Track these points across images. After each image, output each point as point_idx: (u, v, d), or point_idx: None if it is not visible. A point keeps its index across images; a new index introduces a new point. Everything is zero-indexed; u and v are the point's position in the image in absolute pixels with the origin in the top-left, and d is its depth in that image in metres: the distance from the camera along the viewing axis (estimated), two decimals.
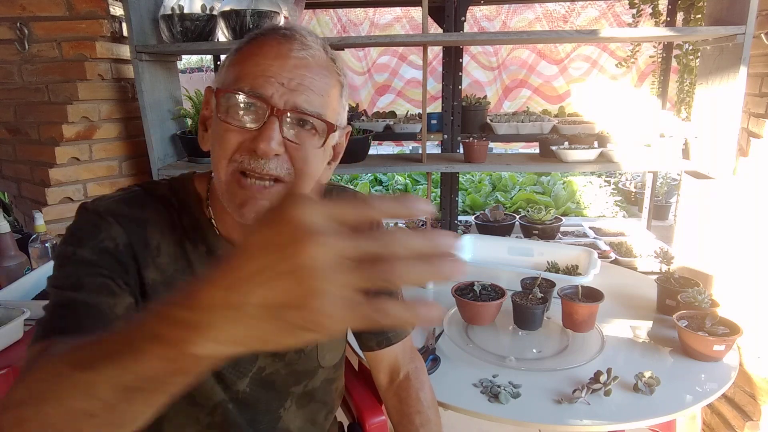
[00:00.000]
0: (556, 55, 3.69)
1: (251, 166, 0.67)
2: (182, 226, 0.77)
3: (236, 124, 0.68)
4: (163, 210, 0.76)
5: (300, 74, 0.68)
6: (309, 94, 0.68)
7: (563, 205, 4.68)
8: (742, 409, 1.63)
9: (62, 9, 1.85)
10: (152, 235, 0.73)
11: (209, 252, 0.78)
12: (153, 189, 0.79)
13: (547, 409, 1.10)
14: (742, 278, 1.64)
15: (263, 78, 0.66)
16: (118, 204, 0.74)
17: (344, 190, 0.96)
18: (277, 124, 0.66)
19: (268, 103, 0.66)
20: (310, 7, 2.97)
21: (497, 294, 1.43)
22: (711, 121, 1.78)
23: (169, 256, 0.75)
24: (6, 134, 1.98)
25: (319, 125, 0.70)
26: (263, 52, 0.68)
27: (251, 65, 0.68)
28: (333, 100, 0.72)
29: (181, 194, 0.79)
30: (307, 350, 0.88)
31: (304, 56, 0.68)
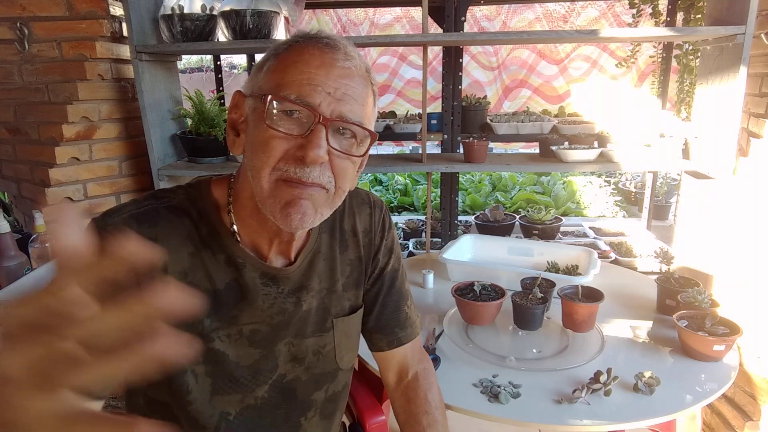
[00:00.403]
0: (556, 55, 3.69)
1: (296, 174, 0.68)
2: (200, 236, 0.76)
3: (283, 131, 0.67)
4: (177, 221, 0.75)
5: (345, 84, 0.69)
6: (352, 103, 0.69)
7: (563, 205, 4.68)
8: (742, 409, 1.63)
9: (62, 9, 1.85)
10: (159, 255, 0.71)
11: (229, 261, 0.77)
12: (168, 199, 0.77)
13: (547, 409, 1.10)
14: (742, 278, 1.64)
15: (310, 86, 0.67)
16: (128, 222, 0.72)
17: (357, 189, 0.95)
18: (324, 132, 0.67)
19: (315, 111, 0.67)
20: (310, 7, 2.97)
21: (497, 294, 1.43)
22: (711, 121, 1.78)
23: (176, 273, 0.73)
24: (6, 134, 1.98)
25: (361, 133, 0.71)
26: (306, 60, 0.68)
27: (296, 72, 0.68)
28: (369, 109, 0.74)
29: (198, 202, 0.78)
30: (325, 351, 0.88)
31: (348, 66, 0.69)
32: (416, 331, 1.01)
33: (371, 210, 0.95)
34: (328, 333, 0.88)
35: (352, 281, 0.91)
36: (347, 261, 0.90)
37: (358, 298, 0.93)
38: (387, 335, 0.97)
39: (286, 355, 0.84)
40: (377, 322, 0.96)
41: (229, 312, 0.77)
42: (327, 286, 0.87)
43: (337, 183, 0.72)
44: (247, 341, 0.79)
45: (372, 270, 0.95)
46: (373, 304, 0.96)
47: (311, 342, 0.86)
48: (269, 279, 0.80)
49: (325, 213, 0.73)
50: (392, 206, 5.08)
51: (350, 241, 0.91)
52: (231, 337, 0.78)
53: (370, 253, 0.93)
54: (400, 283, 0.99)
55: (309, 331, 0.85)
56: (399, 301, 0.98)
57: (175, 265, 0.73)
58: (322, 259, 0.86)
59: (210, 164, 2.03)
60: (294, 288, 0.82)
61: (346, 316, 0.90)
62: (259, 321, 0.80)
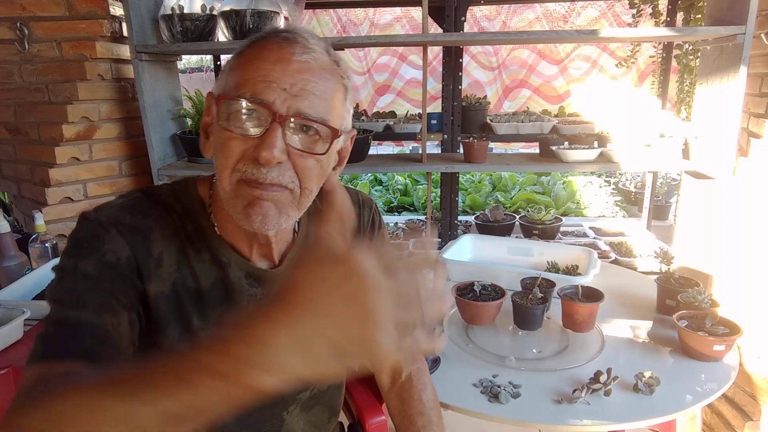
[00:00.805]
0: (556, 55, 3.69)
1: (254, 175, 0.66)
2: (185, 233, 0.75)
3: (238, 132, 0.66)
4: (166, 216, 0.74)
5: (302, 78, 0.66)
6: (312, 98, 0.66)
7: (563, 205, 4.68)
8: (742, 409, 1.63)
9: (62, 9, 1.85)
10: (155, 245, 0.72)
11: (213, 259, 0.76)
12: (155, 194, 0.77)
13: (547, 409, 1.10)
14: (742, 278, 1.64)
15: (264, 83, 0.65)
16: (121, 212, 0.72)
17: (346, 190, 0.94)
18: (280, 131, 0.65)
19: (270, 109, 0.65)
20: (310, 7, 2.97)
21: (497, 294, 1.43)
22: (711, 121, 1.78)
23: (171, 265, 0.73)
24: (6, 134, 1.98)
25: (323, 131, 0.68)
26: (264, 56, 0.66)
27: (252, 70, 0.66)
28: (337, 104, 0.70)
29: (184, 199, 0.77)
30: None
31: (306, 60, 0.67)
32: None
33: (360, 209, 0.93)
34: None
35: None
36: None
37: None
38: None
39: None
40: None
41: (214, 312, 0.76)
42: None
43: (302, 183, 0.70)
44: None
45: None
46: None
47: None
48: (254, 280, 0.79)
49: (292, 214, 0.71)
50: (392, 206, 5.07)
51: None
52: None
53: None
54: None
55: None
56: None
57: (169, 257, 0.73)
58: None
59: (210, 164, 2.02)
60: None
61: None
62: None
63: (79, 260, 0.67)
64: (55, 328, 0.64)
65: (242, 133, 0.66)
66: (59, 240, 1.84)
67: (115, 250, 0.68)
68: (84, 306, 0.64)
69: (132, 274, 0.69)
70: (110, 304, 0.66)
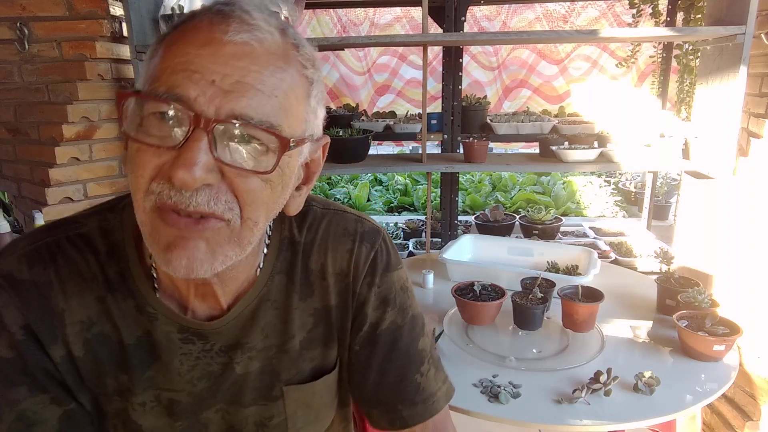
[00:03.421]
0: (556, 55, 3.69)
1: (172, 200, 0.48)
2: (105, 278, 0.60)
3: (150, 142, 0.48)
4: (79, 258, 0.60)
5: (239, 67, 0.48)
6: (253, 95, 0.48)
7: (563, 205, 4.68)
8: (742, 409, 1.63)
9: (62, 9, 1.85)
10: (54, 302, 0.59)
11: (139, 309, 0.61)
12: (76, 226, 0.62)
13: (547, 409, 1.10)
14: (742, 278, 1.64)
15: (184, 74, 0.47)
16: (18, 264, 0.58)
17: (342, 215, 0.72)
18: (205, 141, 0.47)
19: (191, 108, 0.47)
20: (310, 7, 2.97)
21: (497, 294, 1.43)
22: (711, 121, 1.78)
23: (80, 322, 0.60)
24: (6, 134, 1.98)
25: (269, 140, 0.50)
26: (188, 38, 0.49)
27: (170, 56, 0.49)
28: (294, 103, 0.52)
29: (114, 234, 0.62)
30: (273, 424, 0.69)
31: (245, 41, 0.49)
32: (433, 408, 0.72)
33: (354, 245, 0.69)
34: (275, 403, 0.68)
35: (317, 337, 0.69)
36: (310, 311, 0.68)
37: (327, 358, 0.71)
38: (388, 412, 0.72)
39: (220, 424, 0.67)
40: (376, 395, 0.72)
41: (142, 374, 0.62)
42: (276, 344, 0.67)
43: (243, 212, 0.51)
44: (165, 410, 0.64)
45: (359, 326, 0.70)
46: (365, 371, 0.71)
47: (252, 412, 0.67)
48: (191, 334, 0.62)
49: (230, 254, 0.53)
50: (392, 206, 5.07)
51: (316, 284, 0.68)
52: (145, 405, 0.63)
53: (348, 302, 0.69)
54: (407, 343, 0.72)
55: (248, 399, 0.67)
56: (405, 368, 0.71)
57: (76, 313, 0.59)
58: (271, 308, 0.66)
59: None
60: (226, 345, 0.64)
61: (306, 383, 0.69)
62: (177, 389, 0.63)
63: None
64: None
65: (156, 142, 0.48)
66: None
67: (9, 324, 0.57)
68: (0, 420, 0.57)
69: (36, 351, 0.58)
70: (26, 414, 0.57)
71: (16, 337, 0.57)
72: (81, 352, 0.60)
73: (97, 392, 0.63)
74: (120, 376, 0.62)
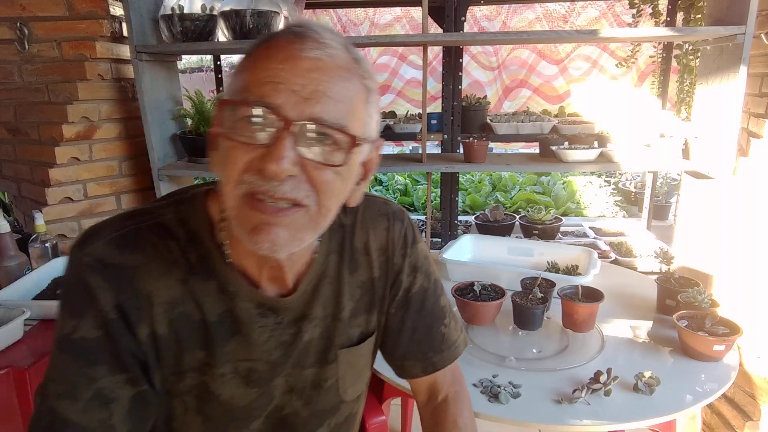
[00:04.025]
0: (556, 55, 3.69)
1: (262, 188, 0.57)
2: (188, 261, 0.67)
3: (242, 140, 0.58)
4: (162, 246, 0.66)
5: (315, 78, 0.58)
6: (326, 101, 0.58)
7: (563, 205, 4.68)
8: (742, 409, 1.63)
9: (62, 9, 1.85)
10: (142, 284, 0.65)
11: (221, 289, 0.69)
12: (154, 216, 0.69)
13: (547, 409, 1.10)
14: (742, 278, 1.64)
15: (271, 84, 0.57)
16: (108, 249, 0.64)
17: (373, 198, 0.84)
18: (291, 140, 0.57)
19: (278, 113, 0.56)
20: (310, 7, 2.97)
21: (497, 294, 1.43)
22: (711, 121, 1.78)
23: (165, 303, 0.66)
24: (6, 134, 1.98)
25: (341, 139, 0.59)
26: (271, 55, 0.59)
27: (258, 71, 0.58)
28: (357, 108, 0.62)
29: (190, 222, 0.69)
30: (327, 385, 0.80)
31: (319, 56, 0.58)
32: (456, 352, 0.89)
33: (389, 224, 0.82)
34: (330, 365, 0.79)
35: (362, 305, 0.81)
36: (357, 283, 0.80)
37: (369, 324, 0.83)
38: (421, 360, 0.86)
39: (283, 387, 0.76)
40: (409, 348, 0.85)
41: (223, 348, 0.70)
42: (332, 313, 0.77)
43: (320, 200, 0.61)
44: (242, 380, 0.72)
45: (395, 292, 0.84)
46: (400, 329, 0.85)
47: (310, 373, 0.78)
48: (266, 309, 0.71)
49: (306, 237, 0.63)
50: None
51: (361, 260, 0.80)
52: (225, 376, 0.71)
53: (388, 273, 0.82)
54: (432, 302, 0.87)
55: (309, 362, 0.77)
56: (432, 323, 0.86)
57: (162, 295, 0.66)
58: (327, 284, 0.77)
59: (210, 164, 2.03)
60: (295, 318, 0.74)
61: (354, 346, 0.81)
62: (255, 358, 0.72)
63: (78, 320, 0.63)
64: (50, 416, 0.63)
65: (247, 141, 0.58)
66: (59, 240, 1.84)
67: (103, 305, 0.63)
68: (75, 398, 0.62)
69: (121, 325, 0.64)
70: (102, 392, 0.63)
71: (109, 316, 0.63)
72: (165, 331, 0.66)
73: (170, 372, 0.69)
74: (197, 352, 0.69)
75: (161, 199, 0.73)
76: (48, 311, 1.41)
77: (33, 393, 1.21)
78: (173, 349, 0.68)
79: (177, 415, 0.72)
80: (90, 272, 0.63)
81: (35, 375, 1.23)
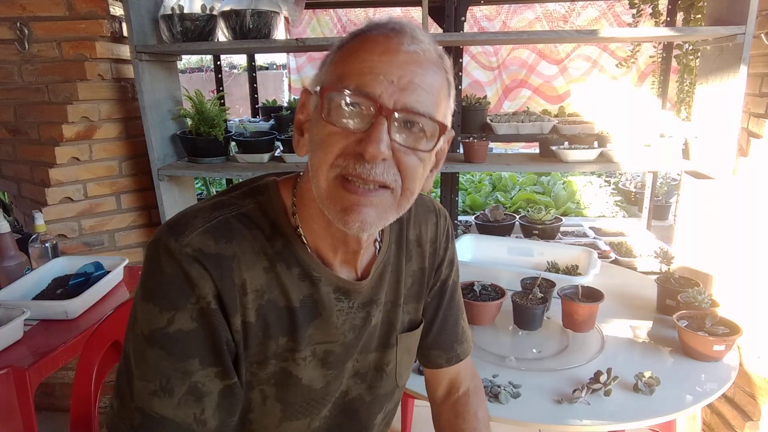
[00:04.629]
0: (556, 55, 3.69)
1: (356, 171, 0.61)
2: (274, 250, 0.70)
3: (341, 126, 0.62)
4: (249, 234, 0.69)
5: (410, 71, 0.61)
6: (420, 92, 0.62)
7: (563, 205, 4.67)
8: (742, 409, 1.63)
9: (62, 9, 1.85)
10: (237, 273, 0.66)
11: (303, 275, 0.71)
12: (237, 206, 0.71)
13: (547, 409, 1.10)
14: (741, 278, 1.64)
15: (371, 75, 0.61)
16: (204, 239, 0.65)
17: (421, 198, 0.88)
18: (386, 126, 0.60)
19: (376, 102, 0.60)
20: (310, 7, 2.97)
21: (497, 294, 1.43)
22: (711, 121, 1.78)
23: (255, 291, 0.68)
24: (6, 134, 1.98)
25: (430, 127, 0.64)
26: (369, 48, 0.62)
27: (357, 62, 0.62)
28: (443, 100, 0.66)
29: (271, 213, 0.71)
30: (388, 369, 0.84)
31: (414, 51, 0.62)
32: (471, 345, 0.97)
33: (437, 219, 0.89)
34: (391, 349, 0.83)
35: (413, 294, 0.86)
36: (410, 272, 0.85)
37: (417, 312, 0.88)
38: (446, 351, 0.92)
39: (350, 371, 0.80)
40: (437, 338, 0.92)
41: (305, 332, 0.72)
42: (392, 299, 0.83)
43: (405, 183, 0.65)
44: (320, 362, 0.75)
45: (434, 282, 0.90)
46: (433, 319, 0.91)
47: (373, 357, 0.82)
48: (342, 293, 0.75)
49: (390, 217, 0.67)
50: None
51: (414, 251, 0.86)
52: (306, 359, 0.73)
53: (433, 264, 0.88)
54: (459, 295, 0.95)
55: (373, 346, 0.82)
56: (457, 315, 0.94)
57: (253, 283, 0.68)
58: (390, 271, 0.82)
59: (210, 164, 2.03)
60: (364, 302, 0.78)
61: (408, 331, 0.86)
62: (333, 340, 0.75)
63: (175, 312, 0.63)
64: (141, 416, 0.63)
65: (345, 126, 0.62)
66: (59, 240, 1.84)
67: (205, 294, 0.63)
68: (170, 393, 0.63)
69: (219, 315, 0.65)
70: (197, 387, 0.64)
71: (210, 306, 0.64)
72: (254, 318, 0.68)
73: (253, 361, 0.70)
74: (281, 338, 0.71)
75: (233, 189, 0.75)
76: (48, 311, 1.41)
77: (33, 393, 1.21)
78: (259, 338, 0.69)
79: (254, 406, 0.73)
80: (190, 262, 0.63)
81: (35, 375, 1.23)
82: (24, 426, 1.24)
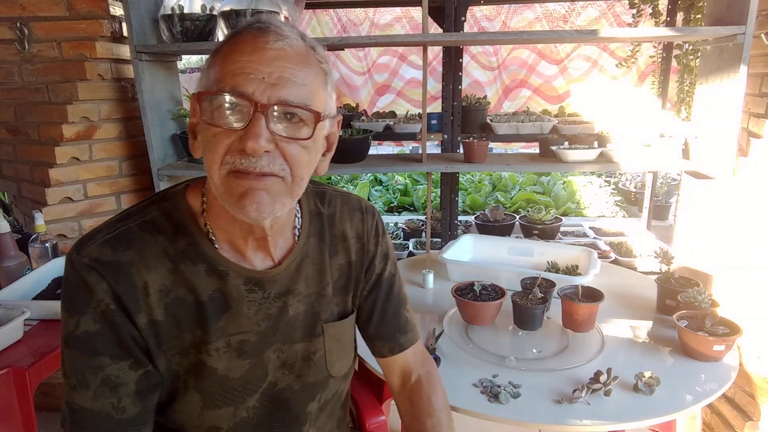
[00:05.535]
0: (556, 55, 3.68)
1: (243, 165, 0.66)
2: (177, 250, 0.75)
3: (224, 126, 0.66)
4: (151, 240, 0.74)
5: (279, 66, 0.66)
6: (291, 85, 0.67)
7: (563, 205, 4.68)
8: (742, 409, 1.63)
9: (62, 9, 1.85)
10: (138, 276, 0.72)
11: (210, 270, 0.76)
12: (140, 215, 0.76)
13: (547, 409, 1.10)
14: (741, 278, 1.64)
15: (242, 75, 0.65)
16: (102, 249, 0.71)
17: (348, 195, 0.95)
18: (263, 121, 0.65)
19: (251, 100, 0.65)
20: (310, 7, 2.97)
21: (497, 294, 1.43)
22: (711, 121, 1.78)
23: (159, 291, 0.73)
24: (6, 134, 1.98)
25: (306, 116, 0.68)
26: (239, 49, 0.67)
27: (229, 63, 0.66)
28: (318, 89, 0.71)
29: (174, 215, 0.77)
30: (316, 358, 0.87)
31: (281, 47, 0.67)
32: (417, 335, 1.00)
33: (363, 215, 0.93)
34: (318, 338, 0.87)
35: (340, 286, 0.90)
36: (337, 266, 0.90)
37: (346, 304, 0.92)
38: (388, 341, 0.97)
39: (276, 362, 0.83)
40: (378, 329, 0.96)
41: (216, 324, 0.76)
42: (316, 291, 0.86)
43: (293, 171, 0.70)
44: (235, 353, 0.79)
45: (369, 276, 0.94)
46: (372, 311, 0.95)
47: (300, 348, 0.85)
48: (254, 284, 0.79)
49: (285, 202, 0.72)
50: (392, 206, 5.07)
51: (340, 245, 0.90)
52: (219, 350, 0.77)
53: (363, 258, 0.92)
54: (398, 288, 0.99)
55: (297, 336, 0.85)
56: (398, 306, 0.98)
57: (156, 284, 0.73)
58: (310, 264, 0.86)
59: None
60: (280, 292, 0.82)
61: (336, 321, 0.90)
62: (246, 330, 0.79)
63: (79, 317, 0.70)
64: (68, 409, 0.72)
65: (227, 126, 0.66)
66: (59, 240, 1.84)
67: (102, 298, 0.70)
68: (86, 387, 0.71)
69: (120, 315, 0.71)
70: (110, 379, 0.71)
71: (110, 307, 0.70)
72: (162, 317, 0.73)
73: (173, 352, 0.75)
74: (196, 330, 0.76)
75: (144, 200, 0.80)
76: (48, 311, 1.41)
77: (33, 393, 1.22)
78: (173, 332, 0.74)
79: (178, 396, 0.78)
80: (87, 271, 0.70)
81: (35, 375, 1.23)
82: (24, 426, 1.24)
